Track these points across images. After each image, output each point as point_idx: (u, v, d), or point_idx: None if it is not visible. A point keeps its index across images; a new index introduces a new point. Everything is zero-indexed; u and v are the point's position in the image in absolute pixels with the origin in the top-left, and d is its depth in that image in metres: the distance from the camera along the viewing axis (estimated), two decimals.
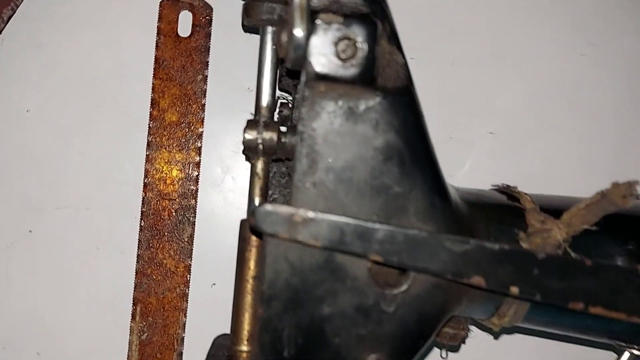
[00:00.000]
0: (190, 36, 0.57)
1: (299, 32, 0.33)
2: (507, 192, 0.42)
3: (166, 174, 0.56)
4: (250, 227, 0.39)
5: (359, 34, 0.34)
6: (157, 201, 0.56)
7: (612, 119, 0.62)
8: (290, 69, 0.35)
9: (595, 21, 0.62)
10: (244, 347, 0.41)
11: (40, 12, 0.57)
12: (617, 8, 0.62)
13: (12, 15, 0.55)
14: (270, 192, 0.48)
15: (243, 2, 0.40)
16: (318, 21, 0.33)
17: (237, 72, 0.57)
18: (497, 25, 0.61)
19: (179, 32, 0.57)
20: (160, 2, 0.57)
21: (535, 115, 0.61)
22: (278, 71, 0.43)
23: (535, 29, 0.61)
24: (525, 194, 0.42)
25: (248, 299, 0.41)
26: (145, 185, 0.56)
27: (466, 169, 0.60)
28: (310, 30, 0.33)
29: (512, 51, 0.61)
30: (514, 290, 0.34)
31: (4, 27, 0.55)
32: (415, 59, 0.36)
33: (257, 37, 0.45)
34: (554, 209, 0.40)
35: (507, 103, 0.61)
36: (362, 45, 0.34)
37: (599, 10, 0.62)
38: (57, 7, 0.57)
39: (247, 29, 0.55)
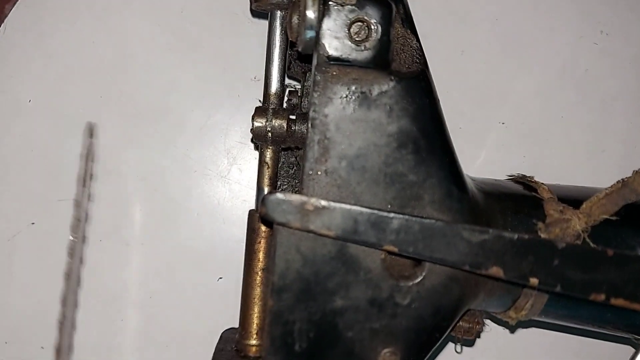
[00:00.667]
0: None
1: (311, 13, 0.32)
2: (524, 182, 0.41)
3: None
4: (260, 217, 0.38)
5: (373, 15, 0.32)
6: None
7: (624, 107, 0.61)
8: (302, 52, 0.33)
9: (607, 10, 0.61)
10: (253, 341, 0.40)
11: (42, 1, 0.56)
12: None
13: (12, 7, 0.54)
14: (278, 183, 0.46)
15: None
16: (331, 2, 0.32)
17: (243, 61, 0.56)
18: (508, 13, 0.60)
19: None
20: None
21: (546, 104, 0.60)
22: (287, 58, 0.42)
23: (547, 18, 0.60)
24: (543, 183, 0.41)
25: (257, 291, 0.40)
26: None
27: (478, 160, 0.59)
28: (323, 12, 0.32)
29: (523, 40, 0.60)
30: (534, 281, 0.33)
31: (5, 18, 0.54)
32: (424, 47, 0.35)
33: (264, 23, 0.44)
34: (572, 198, 0.39)
35: (518, 93, 0.60)
36: (377, 28, 0.32)
37: None
38: None
39: (255, 14, 0.54)
